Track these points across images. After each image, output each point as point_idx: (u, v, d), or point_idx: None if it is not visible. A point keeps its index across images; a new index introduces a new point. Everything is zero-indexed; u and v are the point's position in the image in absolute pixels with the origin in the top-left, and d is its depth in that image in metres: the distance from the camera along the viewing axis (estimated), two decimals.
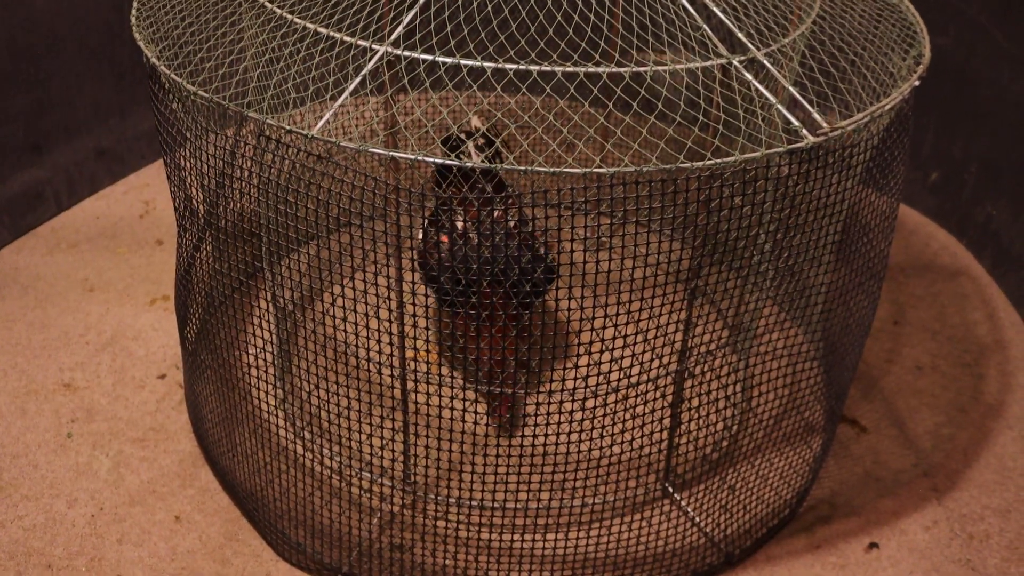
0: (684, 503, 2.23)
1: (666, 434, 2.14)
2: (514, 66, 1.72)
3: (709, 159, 1.62)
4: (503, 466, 1.97)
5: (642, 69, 1.71)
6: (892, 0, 2.16)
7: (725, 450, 2.36)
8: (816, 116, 1.71)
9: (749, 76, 1.74)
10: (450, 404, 1.95)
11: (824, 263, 2.00)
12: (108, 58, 3.22)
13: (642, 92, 1.73)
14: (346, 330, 1.95)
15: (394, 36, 1.74)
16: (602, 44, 1.85)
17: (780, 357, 2.11)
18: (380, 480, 2.23)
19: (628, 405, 2.02)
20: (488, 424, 2.00)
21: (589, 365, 1.97)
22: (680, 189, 1.68)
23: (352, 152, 1.65)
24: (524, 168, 1.63)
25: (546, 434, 1.97)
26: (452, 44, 1.77)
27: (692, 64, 1.74)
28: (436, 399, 1.96)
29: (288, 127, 1.69)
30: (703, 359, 2.06)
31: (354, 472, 2.27)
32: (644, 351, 1.98)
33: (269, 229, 2.15)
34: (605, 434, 1.99)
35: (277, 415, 2.21)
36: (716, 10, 1.80)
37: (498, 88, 1.72)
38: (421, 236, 2.42)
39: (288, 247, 1.95)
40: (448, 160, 1.65)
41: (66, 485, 2.30)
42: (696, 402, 2.05)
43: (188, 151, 2.06)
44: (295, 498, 2.12)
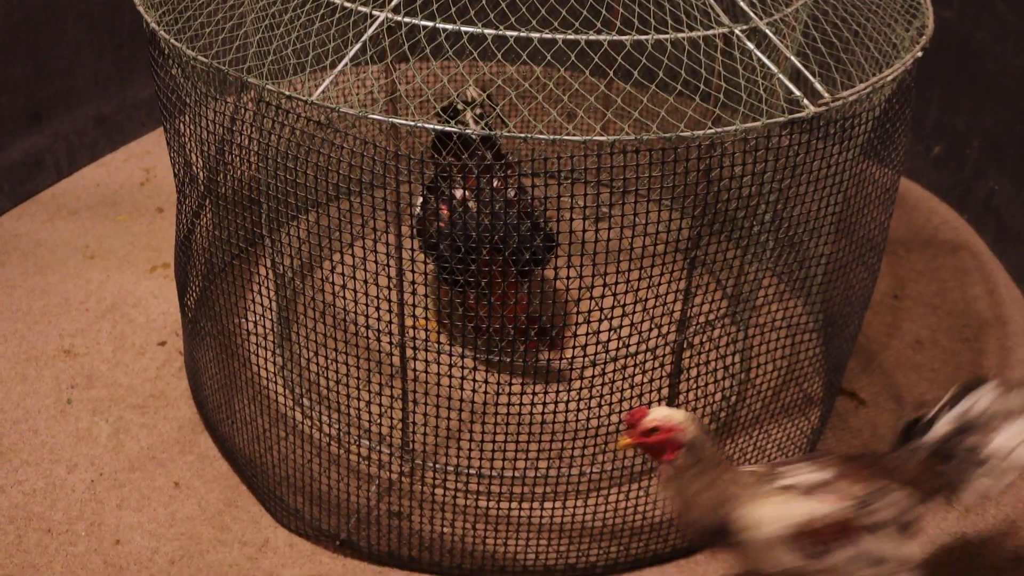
0: None
1: (664, 404, 2.14)
2: (515, 33, 1.71)
3: (710, 128, 1.62)
4: (501, 435, 1.97)
5: (644, 38, 1.70)
6: None
7: (724, 421, 2.36)
8: (818, 86, 1.70)
9: (751, 45, 1.73)
10: (449, 372, 1.95)
11: (824, 235, 1.99)
12: (108, 26, 3.21)
13: (643, 61, 1.72)
14: (345, 297, 1.95)
15: (394, 2, 1.73)
16: (604, 12, 1.84)
17: (779, 329, 2.11)
18: (378, 447, 2.24)
19: (626, 375, 2.03)
20: (486, 393, 2.00)
21: (588, 334, 1.97)
22: (680, 158, 1.68)
23: (352, 119, 1.65)
24: (524, 135, 1.62)
25: (544, 403, 1.98)
26: (453, 11, 1.77)
27: (694, 33, 1.73)
28: (435, 367, 1.96)
29: (288, 93, 1.69)
30: (702, 330, 2.06)
31: (353, 439, 2.27)
32: (643, 321, 1.98)
33: (269, 196, 2.14)
34: (603, 403, 1.99)
35: (276, 382, 2.22)
36: None
37: (499, 55, 1.71)
38: (420, 203, 2.42)
39: (288, 214, 1.95)
40: (448, 127, 1.64)
41: (66, 451, 2.31)
42: (695, 372, 2.05)
43: (188, 118, 2.05)
44: (294, 465, 2.13)
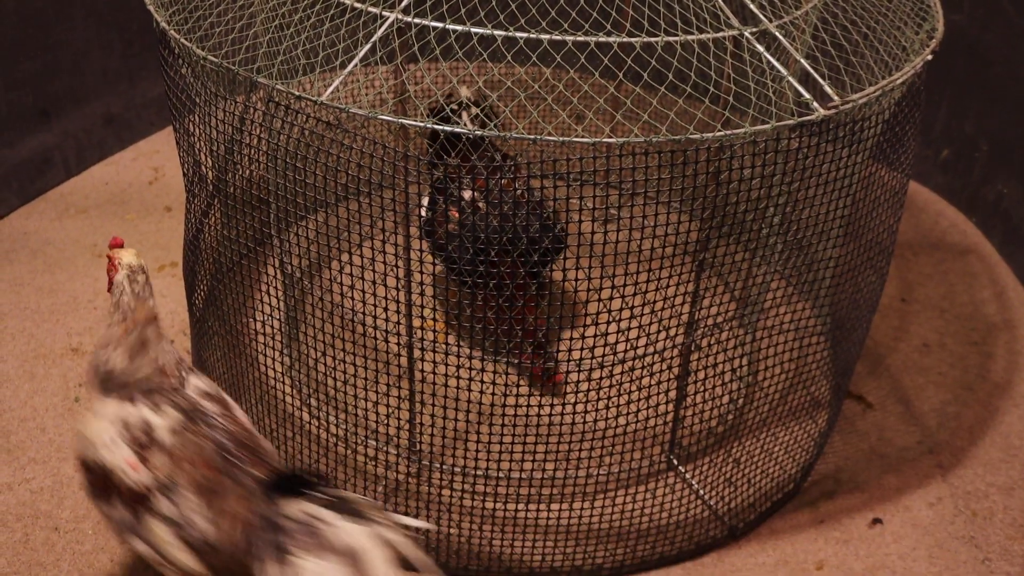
0: (689, 476, 2.24)
1: (672, 407, 2.14)
2: (525, 35, 1.71)
3: (719, 131, 1.61)
4: (508, 436, 1.97)
5: (653, 40, 1.70)
6: None
7: (730, 424, 2.36)
8: (827, 89, 1.70)
9: (761, 48, 1.73)
10: (456, 373, 1.95)
11: (833, 238, 1.99)
12: (117, 24, 3.21)
13: (652, 63, 1.72)
14: (353, 298, 1.95)
15: (404, 3, 1.73)
16: (613, 14, 1.84)
17: (787, 331, 2.11)
18: (386, 448, 2.24)
19: (634, 377, 2.03)
20: (494, 394, 2.00)
21: (596, 336, 1.96)
22: (689, 161, 1.68)
23: (361, 119, 1.65)
24: (534, 137, 1.62)
25: (552, 404, 1.98)
26: (463, 12, 1.77)
27: (704, 36, 1.73)
28: (442, 368, 1.96)
29: (298, 93, 1.69)
30: (710, 332, 2.06)
31: (360, 440, 2.28)
32: (651, 323, 1.98)
33: (278, 196, 2.15)
34: (611, 406, 1.99)
35: (284, 382, 2.22)
36: None
37: (508, 57, 1.71)
38: (427, 204, 2.42)
39: (297, 214, 1.95)
40: (458, 128, 1.64)
41: (73, 448, 2.31)
42: (702, 375, 2.05)
43: (197, 117, 2.06)
44: (301, 464, 2.13)
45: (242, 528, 1.66)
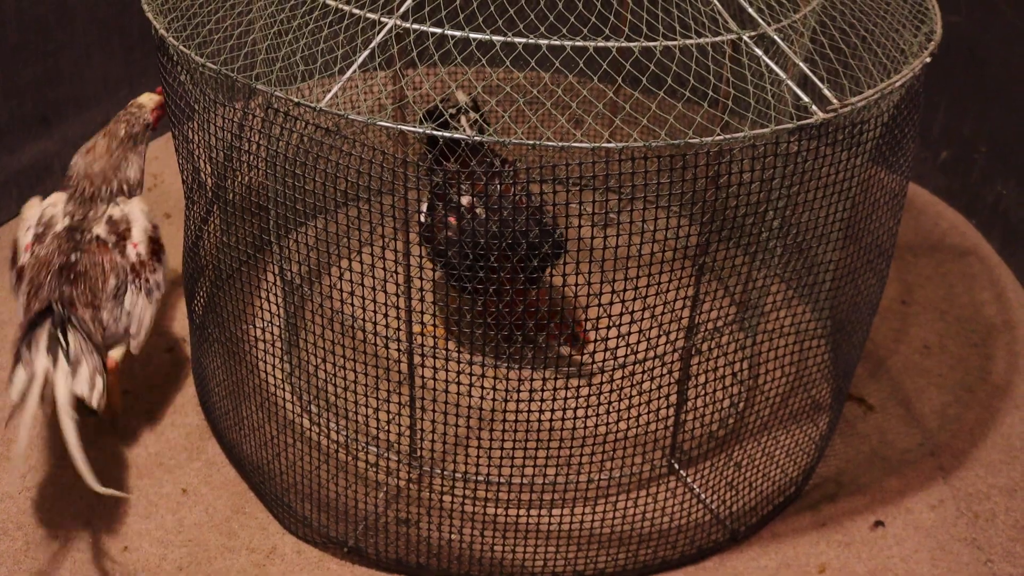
0: (690, 480, 2.24)
1: (672, 411, 2.14)
2: (523, 40, 1.71)
3: (718, 135, 1.61)
4: (509, 441, 1.97)
5: (652, 44, 1.70)
6: None
7: (731, 427, 2.36)
8: (826, 92, 1.70)
9: (759, 52, 1.73)
10: (456, 379, 1.95)
11: (832, 241, 1.99)
12: (117, 30, 3.21)
13: (651, 67, 1.72)
14: (353, 304, 1.95)
15: (403, 9, 1.73)
16: (612, 18, 1.84)
17: (787, 335, 2.11)
18: (386, 454, 2.24)
19: (635, 381, 2.02)
20: (495, 399, 2.00)
21: (596, 341, 1.96)
22: (689, 165, 1.68)
23: (360, 125, 1.65)
24: (532, 143, 1.62)
25: (552, 409, 1.97)
26: (461, 17, 1.77)
27: (702, 40, 1.73)
28: (443, 374, 1.96)
29: (296, 100, 1.69)
30: (710, 336, 2.06)
31: (360, 446, 2.27)
32: (651, 327, 1.98)
33: (277, 202, 2.14)
34: (611, 410, 1.99)
35: (284, 389, 2.22)
36: None
37: (507, 62, 1.71)
38: (426, 210, 2.42)
39: (296, 221, 1.95)
40: (457, 134, 1.64)
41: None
42: (703, 379, 2.05)
43: (196, 124, 2.06)
44: (301, 471, 2.13)
45: (20, 329, 2.12)
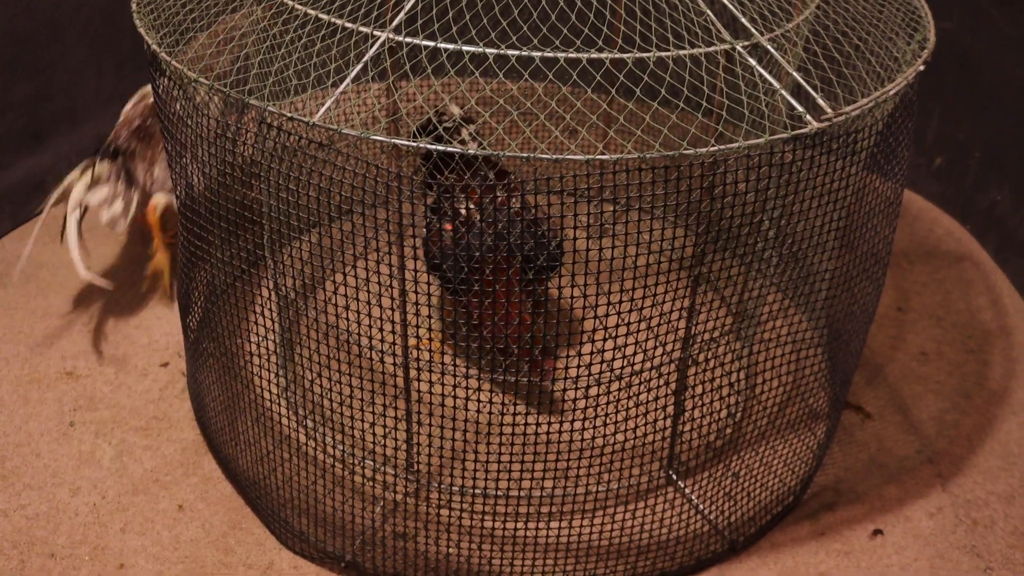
0: (688, 491, 2.23)
1: (669, 422, 2.14)
2: (516, 52, 1.71)
3: (712, 145, 1.61)
4: (506, 454, 1.96)
5: (645, 55, 1.70)
6: None
7: (729, 437, 2.36)
8: (820, 101, 1.70)
9: (753, 62, 1.73)
10: (453, 392, 1.95)
11: (828, 249, 1.99)
12: (109, 46, 3.21)
13: (645, 78, 1.72)
14: (348, 318, 1.94)
15: (396, 22, 1.73)
16: (605, 30, 1.84)
17: (784, 344, 2.10)
18: (383, 468, 2.23)
19: (631, 393, 2.02)
20: (491, 412, 1.99)
21: (592, 353, 1.96)
22: (683, 175, 1.68)
23: (354, 139, 1.64)
24: (526, 155, 1.62)
25: (549, 422, 1.97)
26: (454, 30, 1.76)
27: (696, 50, 1.73)
28: (439, 387, 1.95)
29: (289, 114, 1.68)
30: (707, 346, 2.05)
31: (357, 461, 2.27)
32: (647, 338, 1.98)
33: (271, 217, 2.14)
34: (608, 422, 1.99)
35: (279, 403, 2.21)
36: None
37: (500, 74, 1.71)
38: (425, 224, 2.41)
39: (290, 235, 1.95)
40: (452, 148, 1.64)
41: (68, 474, 2.30)
42: (700, 389, 2.04)
43: (189, 139, 2.05)
44: (298, 486, 2.12)
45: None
